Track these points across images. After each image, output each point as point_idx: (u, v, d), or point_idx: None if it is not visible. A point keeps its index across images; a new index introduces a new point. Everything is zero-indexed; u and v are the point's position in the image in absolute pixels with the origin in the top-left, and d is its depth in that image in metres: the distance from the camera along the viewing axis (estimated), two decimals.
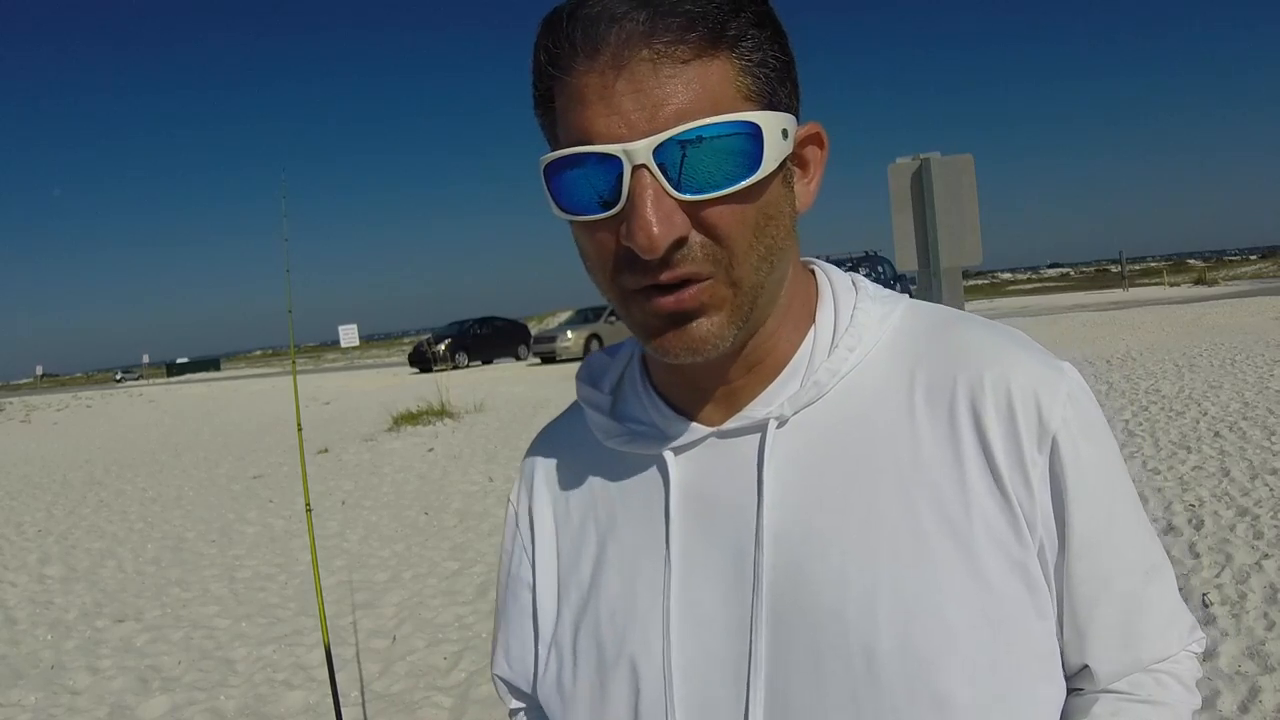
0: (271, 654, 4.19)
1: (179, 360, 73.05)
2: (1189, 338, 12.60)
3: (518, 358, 27.76)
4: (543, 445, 0.80)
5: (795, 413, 0.62)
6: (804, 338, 0.65)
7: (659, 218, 0.53)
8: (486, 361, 27.16)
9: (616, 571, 0.67)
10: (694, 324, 0.57)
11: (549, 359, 23.07)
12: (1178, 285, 31.75)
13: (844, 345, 0.63)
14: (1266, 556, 3.84)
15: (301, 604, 4.91)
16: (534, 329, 30.16)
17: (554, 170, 0.56)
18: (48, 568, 6.34)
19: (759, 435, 0.63)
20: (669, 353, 0.58)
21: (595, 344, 22.97)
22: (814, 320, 0.66)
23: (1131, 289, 32.52)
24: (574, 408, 0.78)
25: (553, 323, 35.19)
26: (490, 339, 27.56)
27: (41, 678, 4.18)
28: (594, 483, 0.72)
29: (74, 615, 5.13)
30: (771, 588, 0.60)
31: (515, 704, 0.80)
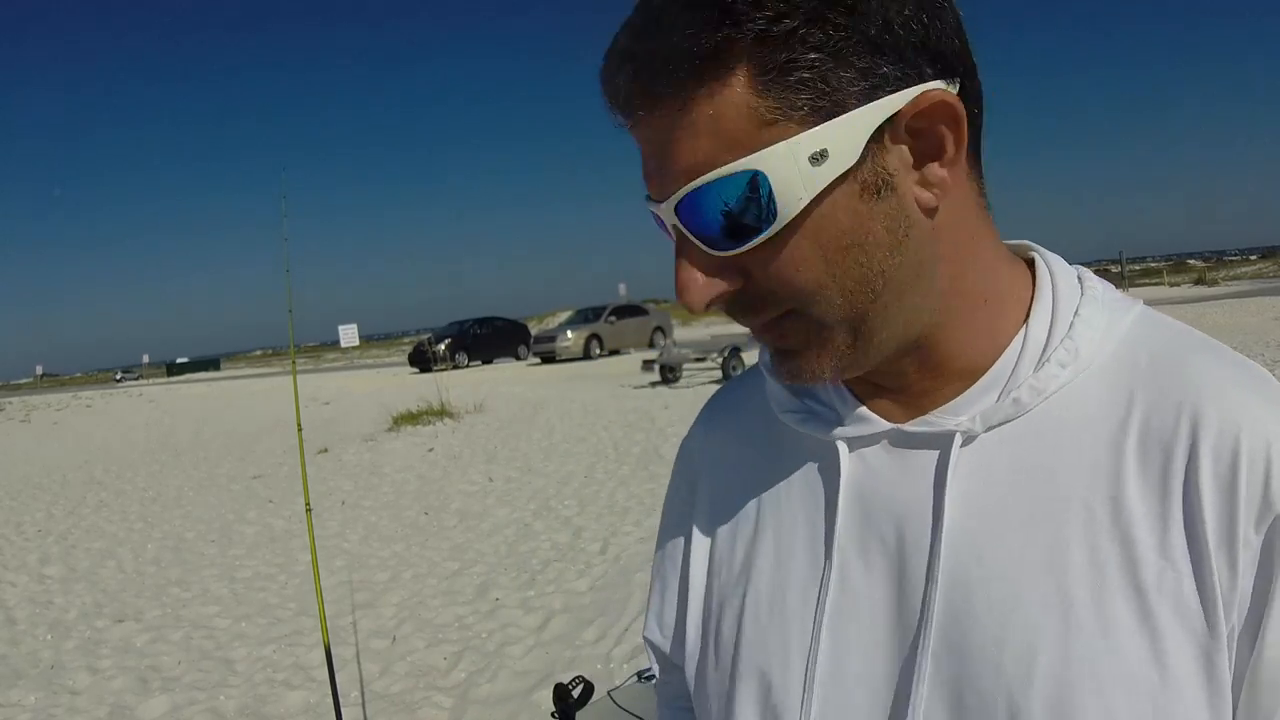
0: (271, 654, 4.19)
1: (179, 360, 73.09)
2: None
3: (518, 358, 27.75)
4: (721, 403, 0.73)
5: (987, 429, 0.54)
6: (1010, 342, 0.55)
7: (692, 280, 0.51)
8: (486, 361, 27.16)
9: (770, 561, 0.61)
10: (793, 361, 0.54)
11: (549, 359, 23.06)
12: (1178, 285, 31.75)
13: (1055, 360, 0.53)
14: None
15: (301, 604, 4.91)
16: (534, 329, 30.15)
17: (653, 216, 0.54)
18: (48, 568, 6.34)
19: (943, 447, 0.55)
20: (784, 380, 0.57)
21: (595, 344, 22.99)
22: (1026, 322, 0.56)
23: (1131, 289, 32.55)
24: (755, 371, 0.69)
25: (553, 323, 35.18)
26: (490, 339, 27.56)
27: (41, 677, 4.18)
28: (762, 458, 0.65)
29: (74, 615, 5.14)
30: (938, 620, 0.53)
31: (663, 674, 0.76)
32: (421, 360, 25.91)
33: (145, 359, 73.15)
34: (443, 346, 25.60)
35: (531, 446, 9.40)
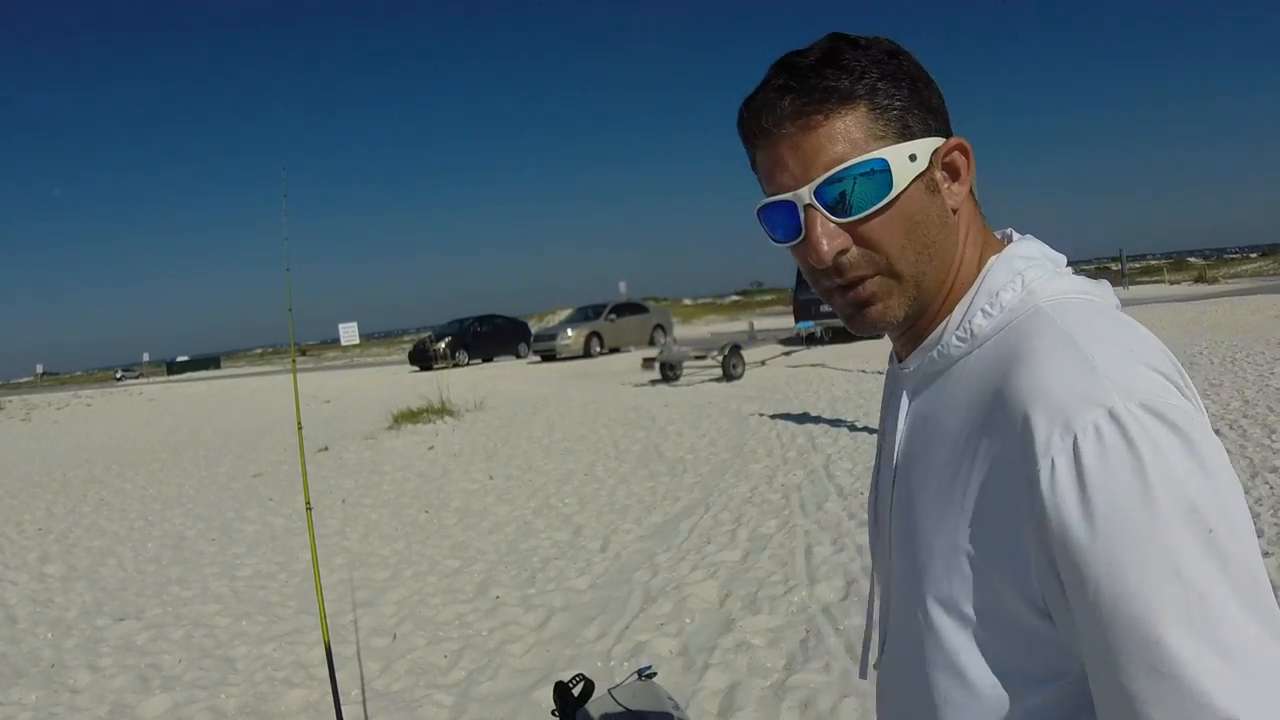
0: (272, 652, 4.19)
1: (179, 358, 73.00)
2: (1189, 336, 12.59)
3: (518, 356, 27.74)
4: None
5: (921, 376, 0.80)
6: (951, 313, 0.79)
7: (824, 240, 0.74)
8: (487, 359, 27.15)
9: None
10: (869, 309, 0.77)
11: (549, 357, 23.05)
12: (1178, 283, 31.72)
13: (955, 335, 0.77)
14: (1267, 554, 3.84)
15: (302, 602, 4.91)
16: (534, 327, 30.16)
17: (763, 213, 0.79)
18: (48, 566, 6.34)
19: (903, 385, 0.84)
20: (858, 330, 0.80)
21: (595, 341, 22.98)
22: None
23: (1132, 287, 32.48)
24: None
25: (553, 321, 35.19)
26: (490, 337, 27.55)
27: (42, 676, 4.19)
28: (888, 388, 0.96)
29: (74, 614, 5.14)
30: (896, 487, 0.82)
31: None
32: (422, 358, 25.92)
33: (145, 357, 73.19)
34: (443, 345, 25.60)
35: (532, 444, 9.41)
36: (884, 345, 18.24)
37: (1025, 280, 0.75)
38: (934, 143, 0.76)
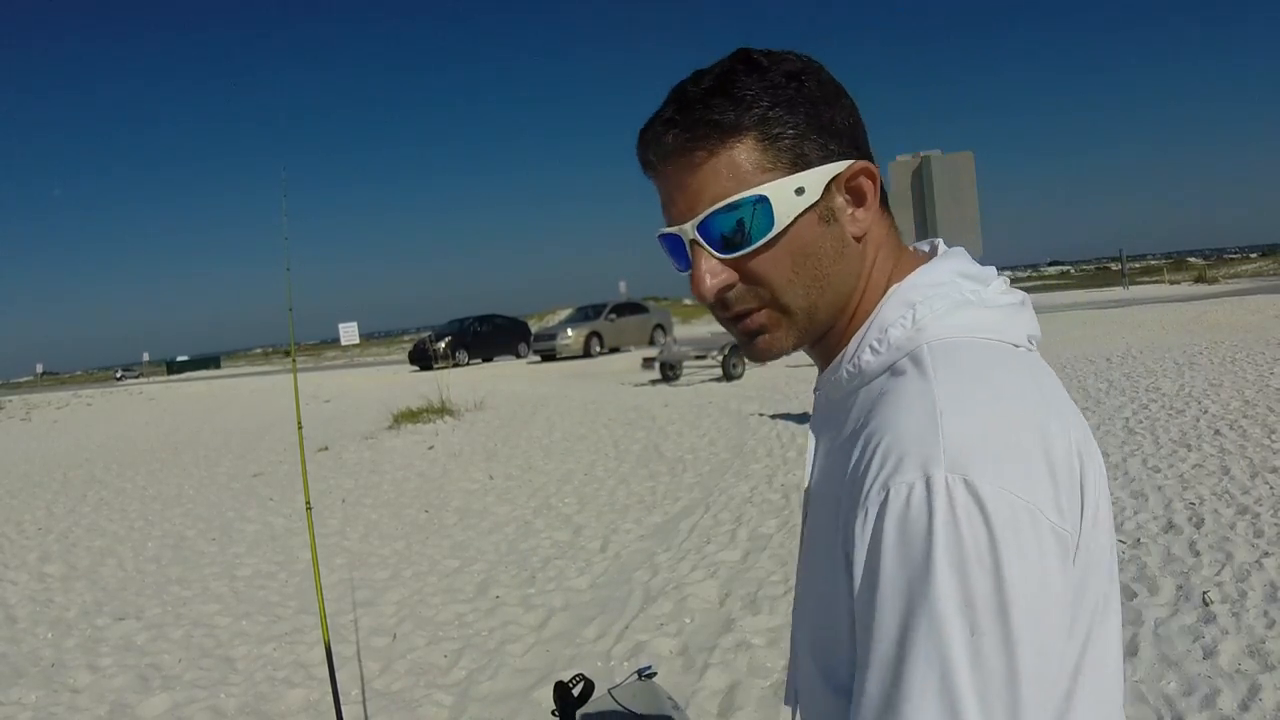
0: (272, 652, 4.19)
1: (179, 358, 72.99)
2: (1189, 336, 12.60)
3: (518, 355, 27.75)
4: None
5: (827, 400, 0.79)
6: (849, 342, 0.77)
7: (707, 276, 0.74)
8: (487, 359, 27.15)
9: None
10: (758, 340, 0.77)
11: (549, 357, 23.05)
12: (1178, 283, 31.71)
13: (845, 368, 0.76)
14: (1267, 554, 3.84)
15: (302, 602, 4.91)
16: (534, 327, 30.15)
17: (661, 241, 0.79)
18: (48, 566, 6.34)
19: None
20: (751, 358, 0.80)
21: (595, 341, 22.98)
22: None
23: (1132, 287, 32.47)
24: None
25: (553, 320, 35.18)
26: (490, 337, 27.55)
27: (42, 676, 4.19)
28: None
29: (74, 613, 5.14)
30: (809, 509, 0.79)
31: None
32: (422, 358, 25.93)
33: (145, 357, 73.23)
34: (443, 344, 25.60)
35: (532, 444, 9.41)
36: None
37: (916, 315, 0.72)
38: (833, 170, 0.73)
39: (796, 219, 0.72)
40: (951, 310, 0.71)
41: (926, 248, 0.81)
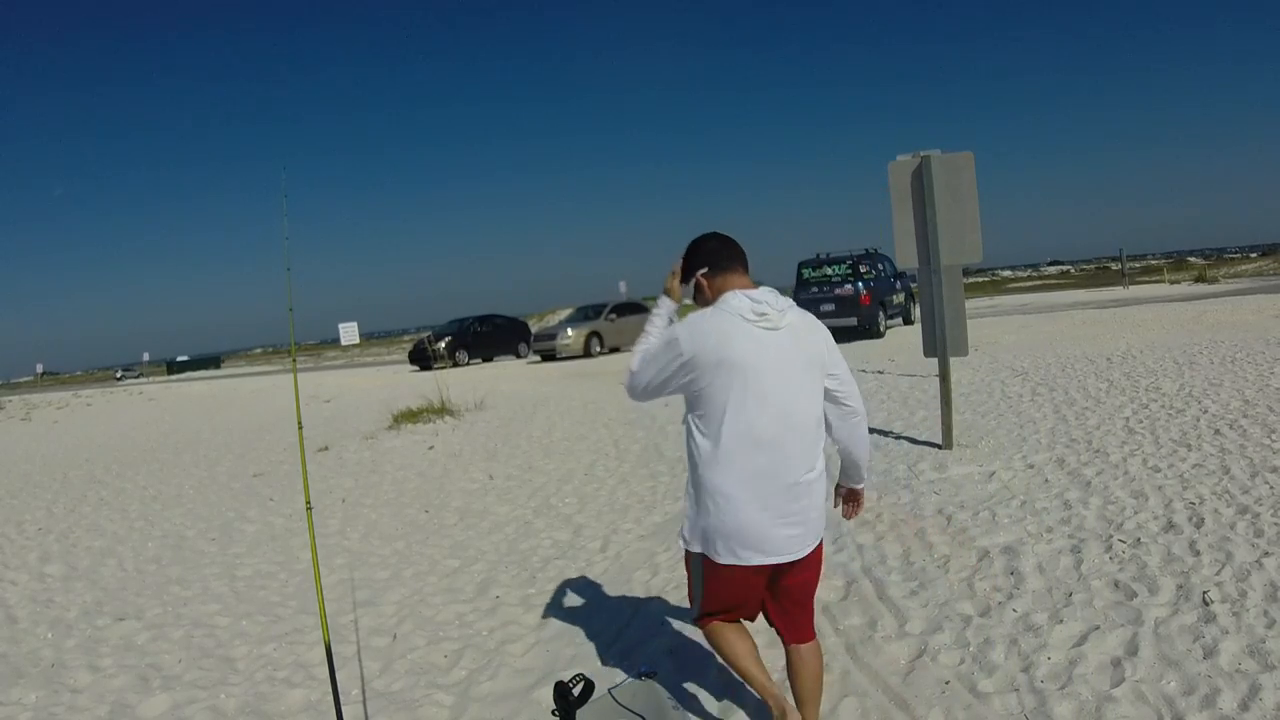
0: (272, 652, 4.20)
1: (179, 358, 73.02)
2: (1189, 335, 12.59)
3: (518, 355, 27.76)
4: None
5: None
6: None
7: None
8: (487, 359, 27.16)
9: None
10: None
11: (549, 356, 23.06)
12: (1178, 283, 31.69)
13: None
14: (1267, 554, 3.84)
15: (302, 602, 4.91)
16: (534, 327, 30.16)
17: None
18: (48, 566, 6.34)
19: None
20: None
21: (595, 341, 22.99)
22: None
23: (1132, 286, 32.45)
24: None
25: (553, 320, 35.17)
26: (490, 337, 27.57)
27: (42, 676, 4.19)
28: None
29: (74, 613, 5.14)
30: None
31: None
32: (422, 358, 25.94)
33: (145, 357, 73.18)
34: (443, 344, 25.62)
35: (532, 444, 9.41)
36: (883, 346, 18.05)
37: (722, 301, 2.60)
38: (698, 274, 2.62)
39: (694, 292, 2.67)
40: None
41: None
